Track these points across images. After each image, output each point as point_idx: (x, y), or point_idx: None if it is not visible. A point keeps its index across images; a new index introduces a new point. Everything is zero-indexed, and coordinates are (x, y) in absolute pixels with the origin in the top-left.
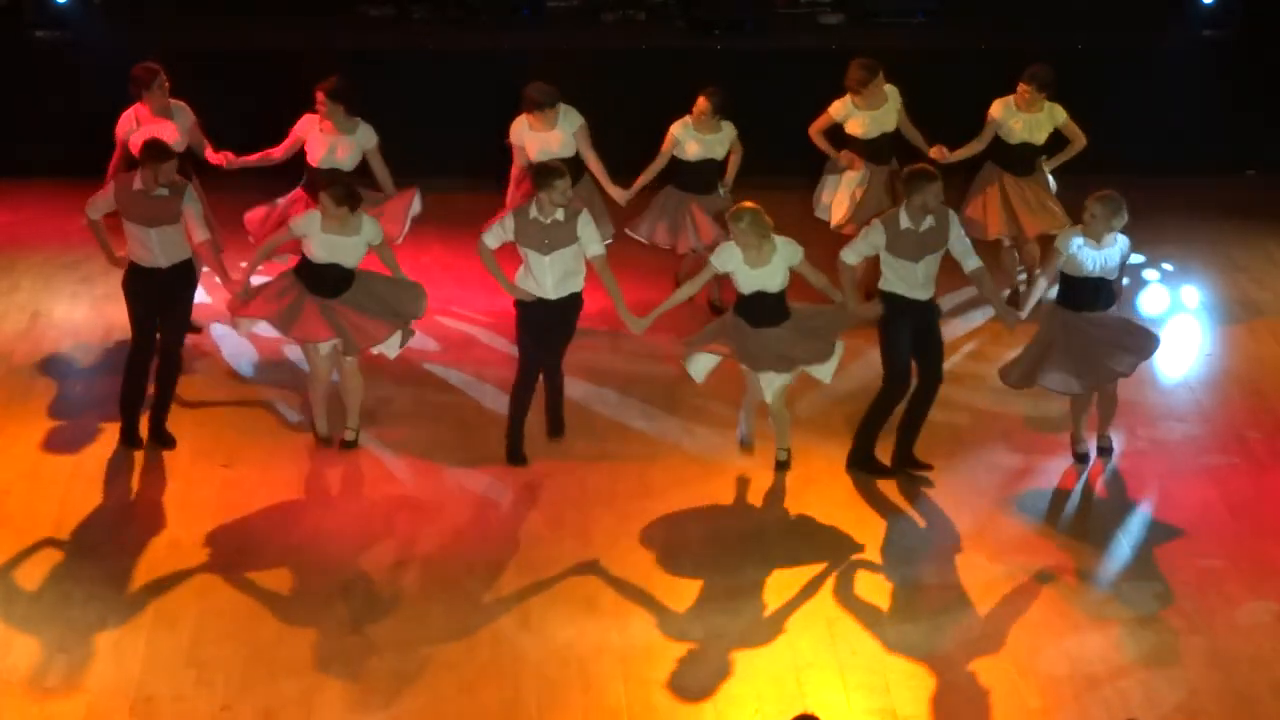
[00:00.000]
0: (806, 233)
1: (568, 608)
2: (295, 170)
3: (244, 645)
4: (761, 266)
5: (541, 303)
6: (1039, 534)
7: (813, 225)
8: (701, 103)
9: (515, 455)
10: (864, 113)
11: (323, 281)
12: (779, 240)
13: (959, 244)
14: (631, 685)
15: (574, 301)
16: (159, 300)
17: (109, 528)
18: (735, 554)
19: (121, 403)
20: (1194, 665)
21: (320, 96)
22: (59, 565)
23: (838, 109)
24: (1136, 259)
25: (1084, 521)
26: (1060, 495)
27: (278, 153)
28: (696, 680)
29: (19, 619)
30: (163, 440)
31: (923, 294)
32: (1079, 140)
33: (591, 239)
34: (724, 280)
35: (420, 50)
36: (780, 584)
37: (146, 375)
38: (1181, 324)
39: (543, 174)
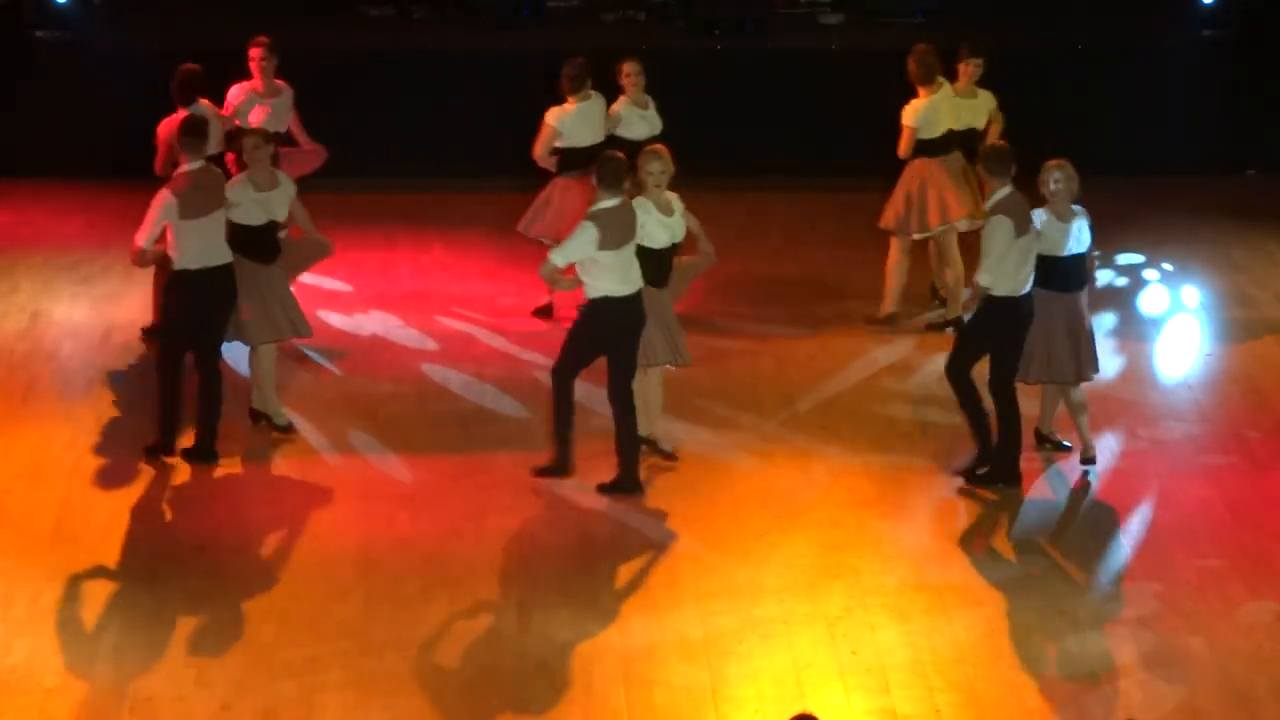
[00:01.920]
0: (806, 232)
1: (568, 608)
2: None
3: (244, 645)
4: (672, 216)
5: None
6: (1039, 534)
7: (812, 225)
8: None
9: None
10: None
11: (265, 245)
12: (670, 194)
13: None
14: (631, 685)
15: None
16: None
17: (109, 528)
18: (735, 554)
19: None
20: (1194, 665)
21: (259, 52)
22: (59, 565)
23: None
24: (1136, 259)
25: (1084, 521)
26: (1060, 495)
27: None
28: (696, 680)
29: (19, 619)
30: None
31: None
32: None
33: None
34: None
35: (420, 50)
36: (780, 584)
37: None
38: (1181, 324)
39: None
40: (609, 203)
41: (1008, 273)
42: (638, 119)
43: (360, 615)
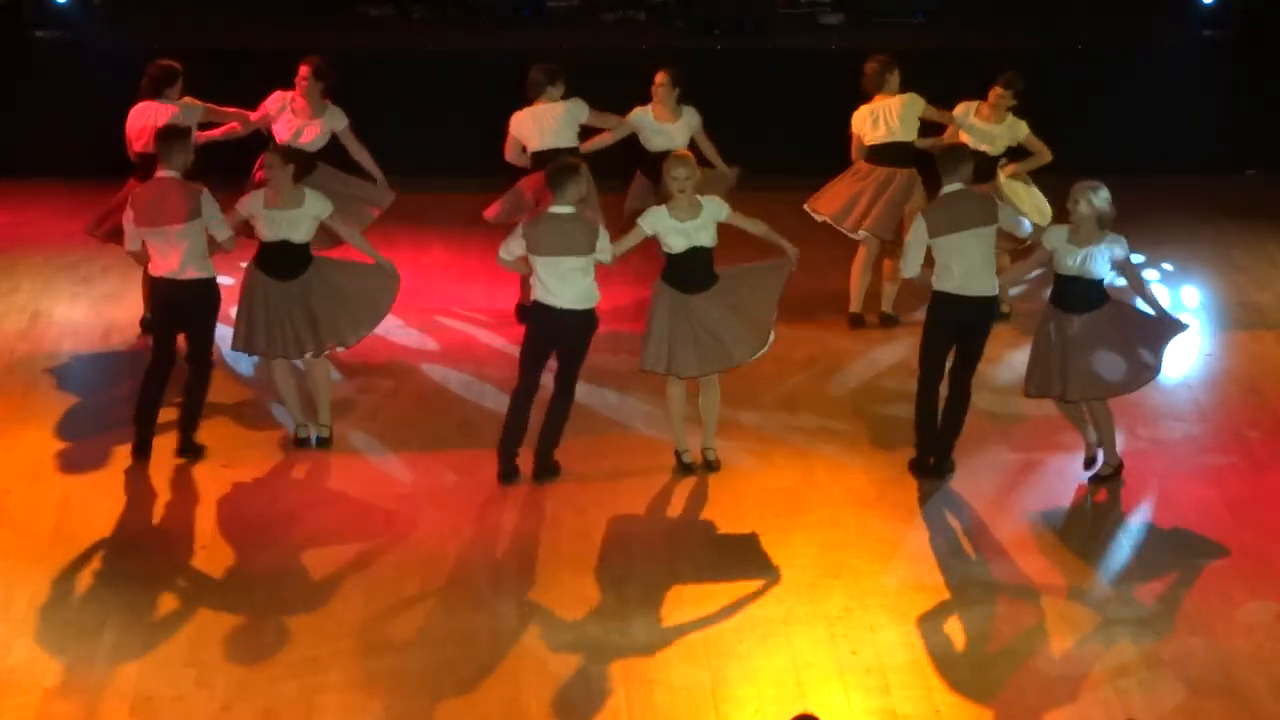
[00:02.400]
0: (807, 233)
1: (568, 608)
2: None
3: (244, 645)
4: (692, 220)
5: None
6: (1039, 534)
7: (812, 226)
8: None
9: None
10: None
11: (275, 262)
12: (704, 198)
13: None
14: (631, 685)
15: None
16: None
17: (109, 528)
18: (735, 554)
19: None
20: (1194, 665)
21: (305, 70)
22: (58, 565)
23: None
24: (1136, 259)
25: (1084, 521)
26: (1060, 495)
27: (242, 126)
28: (696, 680)
29: (19, 619)
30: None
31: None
32: (1044, 154)
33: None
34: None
35: (420, 50)
36: (780, 584)
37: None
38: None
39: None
40: (554, 209)
41: (942, 268)
42: (653, 131)
43: (360, 615)
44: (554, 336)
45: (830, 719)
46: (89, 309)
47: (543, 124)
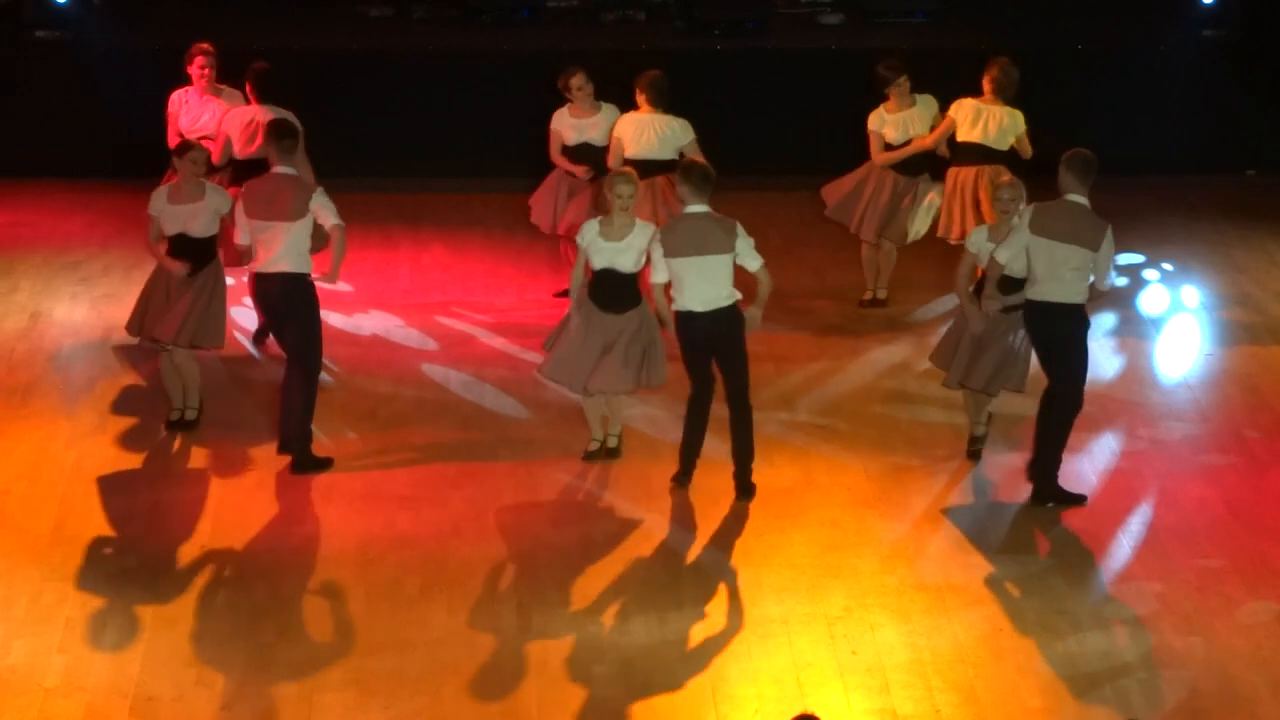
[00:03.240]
0: (806, 235)
1: (568, 608)
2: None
3: (244, 645)
4: (615, 241)
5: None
6: (1039, 533)
7: (812, 225)
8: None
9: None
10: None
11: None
12: (639, 222)
13: None
14: (632, 685)
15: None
16: None
17: (109, 528)
18: (735, 554)
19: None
20: (1194, 665)
21: (201, 60)
22: (58, 565)
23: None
24: (1136, 259)
25: (1083, 521)
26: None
27: (173, 140)
28: (697, 680)
29: (19, 619)
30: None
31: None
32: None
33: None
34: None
35: (420, 50)
36: (780, 584)
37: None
38: (1181, 324)
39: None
40: (690, 209)
41: (1030, 270)
42: (572, 129)
43: (360, 615)
44: (702, 341)
45: (830, 719)
46: (89, 309)
47: (645, 134)
